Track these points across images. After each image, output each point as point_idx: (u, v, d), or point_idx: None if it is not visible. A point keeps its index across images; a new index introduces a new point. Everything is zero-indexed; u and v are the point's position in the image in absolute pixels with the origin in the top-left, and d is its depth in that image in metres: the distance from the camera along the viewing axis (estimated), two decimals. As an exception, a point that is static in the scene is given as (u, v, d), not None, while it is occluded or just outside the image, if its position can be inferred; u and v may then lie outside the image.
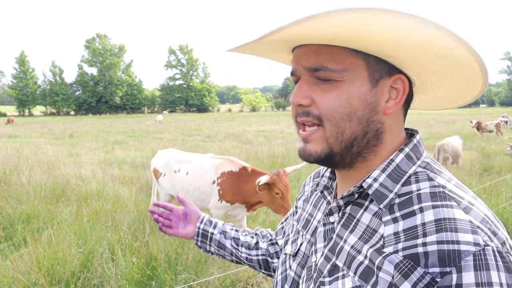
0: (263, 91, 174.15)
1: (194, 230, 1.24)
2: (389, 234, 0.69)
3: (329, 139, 0.74)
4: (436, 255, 0.61)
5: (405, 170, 0.75)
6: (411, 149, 0.77)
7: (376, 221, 0.73)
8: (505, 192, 6.11)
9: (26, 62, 70.85)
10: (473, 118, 25.43)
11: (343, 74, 0.71)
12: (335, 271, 0.75)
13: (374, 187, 0.74)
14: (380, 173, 0.75)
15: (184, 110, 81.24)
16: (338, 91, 0.72)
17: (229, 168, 4.40)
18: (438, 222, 0.64)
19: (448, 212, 0.65)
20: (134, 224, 4.65)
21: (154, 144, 15.57)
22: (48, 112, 72.59)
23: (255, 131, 22.61)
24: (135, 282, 3.47)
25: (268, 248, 1.20)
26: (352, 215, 0.78)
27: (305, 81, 0.75)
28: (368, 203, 0.76)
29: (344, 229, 0.78)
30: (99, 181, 7.59)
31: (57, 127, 29.03)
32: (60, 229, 4.56)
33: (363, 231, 0.74)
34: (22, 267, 3.50)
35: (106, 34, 77.25)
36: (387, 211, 0.72)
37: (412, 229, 0.66)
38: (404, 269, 0.63)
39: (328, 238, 0.81)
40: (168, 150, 5.30)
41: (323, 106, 0.73)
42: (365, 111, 0.73)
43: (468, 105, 1.07)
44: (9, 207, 5.59)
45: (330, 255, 0.78)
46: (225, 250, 1.21)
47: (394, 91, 0.75)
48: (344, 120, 0.73)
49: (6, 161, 8.84)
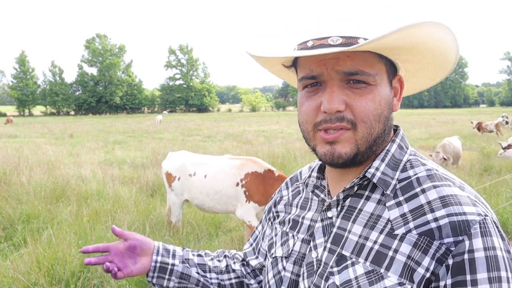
0: (263, 91, 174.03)
1: (150, 264, 1.02)
2: (395, 217, 0.74)
3: (359, 140, 0.77)
4: (448, 226, 0.68)
5: (400, 159, 0.82)
6: (400, 140, 0.86)
7: (380, 208, 0.77)
8: (505, 192, 6.11)
9: (26, 62, 70.87)
10: (473, 118, 25.45)
11: (375, 78, 0.77)
12: (342, 260, 0.78)
13: (377, 175, 0.79)
14: (380, 162, 0.80)
15: (184, 110, 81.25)
16: (372, 94, 0.76)
17: (254, 169, 4.31)
18: (443, 198, 0.71)
19: (449, 190, 0.73)
20: (134, 224, 4.65)
21: (154, 144, 15.57)
22: (48, 112, 72.59)
23: (255, 131, 22.61)
24: (135, 282, 3.47)
25: (241, 269, 1.12)
26: (352, 206, 0.81)
27: (337, 86, 0.76)
28: (368, 192, 0.81)
29: (346, 220, 0.81)
30: (99, 181, 7.59)
31: (57, 127, 29.03)
32: (60, 229, 4.56)
33: (368, 219, 0.78)
34: (22, 267, 3.49)
35: (106, 34, 77.36)
36: (391, 197, 0.77)
37: (419, 208, 0.73)
38: (422, 246, 0.69)
39: (328, 232, 0.83)
40: (181, 152, 5.13)
41: (359, 110, 0.76)
42: (388, 110, 0.80)
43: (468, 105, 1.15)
44: (9, 207, 5.59)
45: (334, 247, 0.80)
46: (189, 281, 1.05)
47: (394, 89, 0.85)
48: (376, 121, 0.77)
49: (6, 161, 8.84)
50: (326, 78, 0.76)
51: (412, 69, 0.87)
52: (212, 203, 4.49)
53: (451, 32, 0.74)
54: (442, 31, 0.73)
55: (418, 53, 0.80)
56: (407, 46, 0.76)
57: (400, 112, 62.77)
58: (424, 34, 0.73)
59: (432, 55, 0.81)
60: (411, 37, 0.72)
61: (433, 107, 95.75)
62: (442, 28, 0.72)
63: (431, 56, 0.81)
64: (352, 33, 0.76)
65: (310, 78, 0.78)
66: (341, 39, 0.75)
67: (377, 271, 0.72)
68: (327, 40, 0.75)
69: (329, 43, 0.75)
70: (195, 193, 4.58)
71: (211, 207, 4.54)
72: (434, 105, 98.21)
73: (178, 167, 4.80)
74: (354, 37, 0.75)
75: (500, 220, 5.14)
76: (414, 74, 0.89)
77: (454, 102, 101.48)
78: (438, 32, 0.73)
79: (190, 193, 4.66)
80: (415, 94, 12.86)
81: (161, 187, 7.43)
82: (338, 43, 0.74)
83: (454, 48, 0.78)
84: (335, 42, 0.75)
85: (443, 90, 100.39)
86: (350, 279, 0.75)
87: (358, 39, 0.75)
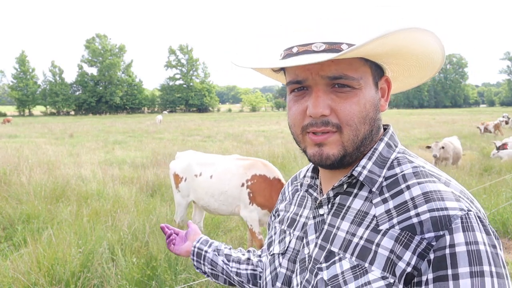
0: (263, 91, 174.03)
1: (191, 248, 1.26)
2: (381, 213, 0.76)
3: (346, 142, 0.79)
4: (429, 222, 0.69)
5: (387, 157, 0.84)
6: (389, 139, 0.87)
7: (367, 205, 0.79)
8: (505, 192, 6.11)
9: (26, 62, 70.86)
10: (473, 119, 25.43)
11: (360, 81, 0.78)
12: (330, 256, 0.80)
13: (363, 174, 0.81)
14: (367, 161, 0.82)
15: (184, 110, 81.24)
16: (357, 97, 0.78)
17: (263, 172, 4.14)
18: (426, 194, 0.73)
19: (432, 186, 0.74)
20: (134, 224, 4.64)
21: (154, 144, 15.58)
22: (48, 112, 72.58)
23: (255, 131, 22.61)
24: (135, 282, 3.47)
25: (257, 263, 1.22)
26: (341, 204, 0.84)
27: (322, 91, 0.78)
28: (357, 190, 0.83)
29: (335, 217, 0.84)
30: (99, 181, 7.59)
31: (57, 127, 29.03)
32: (60, 229, 4.56)
33: (355, 216, 0.80)
34: (22, 267, 3.49)
35: (106, 34, 77.33)
36: (377, 194, 0.79)
37: (403, 205, 0.74)
38: (404, 241, 0.70)
39: (320, 229, 0.86)
40: (188, 152, 5.00)
41: (344, 114, 0.77)
42: (373, 112, 0.82)
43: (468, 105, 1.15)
44: (9, 207, 5.59)
45: (324, 243, 0.83)
46: (217, 268, 1.22)
47: (381, 90, 0.86)
48: (361, 123, 0.79)
49: (6, 161, 8.84)
50: (311, 83, 0.78)
51: (398, 70, 0.89)
52: (217, 204, 4.37)
53: (433, 34, 0.74)
54: (423, 35, 0.74)
55: (401, 57, 0.82)
56: (389, 52, 0.77)
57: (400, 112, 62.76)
58: (404, 40, 0.74)
59: (416, 58, 0.83)
60: (391, 44, 0.74)
61: (433, 107, 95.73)
62: (423, 32, 0.73)
63: (415, 59, 0.83)
64: (335, 38, 0.77)
65: (296, 82, 0.80)
66: (324, 45, 0.76)
67: (361, 266, 0.74)
68: (311, 46, 0.77)
69: (312, 49, 0.77)
70: (200, 194, 4.47)
71: (216, 208, 4.43)
72: (434, 105, 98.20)
73: (184, 167, 4.69)
74: (337, 43, 0.76)
75: (500, 220, 5.13)
76: (401, 74, 0.91)
77: (454, 102, 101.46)
78: (420, 36, 0.74)
79: (196, 194, 4.55)
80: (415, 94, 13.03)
81: (161, 187, 7.43)
82: (321, 49, 0.76)
83: (439, 49, 0.79)
84: (319, 48, 0.76)
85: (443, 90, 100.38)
86: (336, 274, 0.77)
87: (341, 44, 0.76)
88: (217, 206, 4.41)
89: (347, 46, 0.75)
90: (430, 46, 0.78)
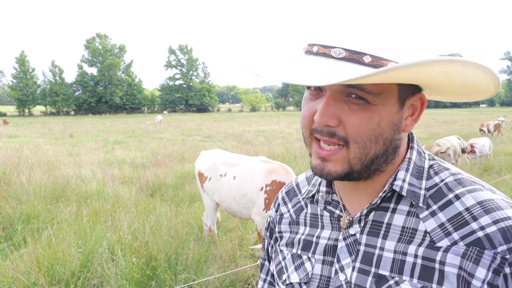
0: (263, 91, 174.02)
1: None
2: (433, 229, 0.70)
3: (352, 160, 0.72)
4: (498, 234, 0.65)
5: (422, 166, 0.78)
6: (417, 145, 0.81)
7: (413, 220, 0.73)
8: (505, 192, 6.11)
9: (26, 62, 70.81)
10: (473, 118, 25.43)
11: (378, 97, 0.69)
12: (381, 281, 0.72)
13: (405, 188, 0.74)
14: (405, 173, 0.76)
15: (184, 110, 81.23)
16: (370, 113, 0.69)
17: (283, 179, 3.95)
18: (482, 204, 0.68)
19: (484, 194, 0.69)
20: (134, 224, 4.64)
21: (154, 144, 15.58)
22: (48, 112, 72.53)
23: (255, 131, 22.63)
24: (135, 282, 3.47)
25: None
26: (377, 221, 0.76)
27: (333, 98, 0.69)
28: (394, 205, 0.76)
29: (373, 237, 0.76)
30: (99, 181, 7.59)
31: (57, 127, 29.04)
32: (60, 229, 4.56)
33: (401, 233, 0.73)
34: (22, 267, 3.49)
35: (106, 34, 77.28)
36: (423, 207, 0.73)
37: (457, 217, 0.69)
38: (472, 256, 0.65)
39: (355, 251, 0.77)
40: (214, 150, 4.87)
41: (352, 128, 0.69)
42: (390, 132, 0.72)
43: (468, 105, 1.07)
44: (9, 207, 5.59)
45: (365, 267, 0.75)
46: None
47: (412, 108, 0.75)
48: (372, 142, 0.71)
49: (6, 161, 8.84)
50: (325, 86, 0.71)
51: (435, 92, 0.78)
52: (238, 207, 4.20)
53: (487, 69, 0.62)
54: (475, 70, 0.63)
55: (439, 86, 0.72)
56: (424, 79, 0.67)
57: (400, 112, 62.41)
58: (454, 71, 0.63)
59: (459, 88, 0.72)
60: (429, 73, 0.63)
61: (433, 107, 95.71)
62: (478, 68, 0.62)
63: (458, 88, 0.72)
64: (357, 47, 0.67)
65: None
66: (345, 52, 0.67)
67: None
68: (330, 51, 0.69)
69: (331, 54, 0.68)
70: (223, 195, 4.31)
71: (237, 211, 4.27)
72: (434, 105, 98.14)
73: (210, 166, 4.55)
74: (359, 53, 0.67)
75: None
76: (440, 94, 0.80)
77: (454, 102, 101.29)
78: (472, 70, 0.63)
79: (219, 195, 4.39)
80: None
81: (160, 187, 7.43)
82: (340, 56, 0.68)
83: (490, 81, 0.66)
84: (338, 54, 0.68)
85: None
86: None
87: (364, 55, 0.67)
88: (238, 210, 4.25)
89: (370, 59, 0.66)
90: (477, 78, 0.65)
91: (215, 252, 4.38)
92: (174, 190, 7.17)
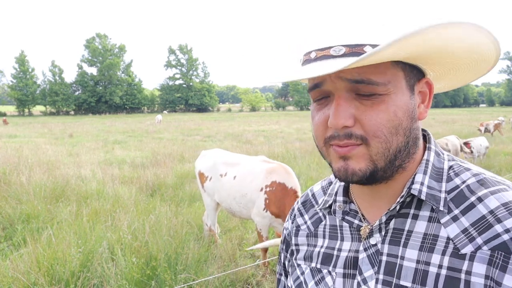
0: (263, 91, 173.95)
1: None
2: (456, 234, 0.67)
3: (375, 156, 0.68)
4: None
5: (441, 167, 0.75)
6: (435, 146, 0.78)
7: (434, 226, 0.70)
8: (505, 192, 6.11)
9: (26, 62, 70.78)
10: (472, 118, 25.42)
11: (387, 86, 0.67)
12: None
13: (424, 191, 0.71)
14: (423, 175, 0.72)
15: (184, 110, 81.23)
16: (385, 104, 0.67)
17: (283, 180, 3.94)
18: (506, 205, 0.64)
19: (508, 195, 0.66)
20: (134, 224, 4.64)
21: (154, 144, 15.58)
22: (48, 112, 72.51)
23: (255, 131, 22.63)
24: (135, 282, 3.47)
25: None
26: (398, 228, 0.73)
27: (343, 99, 0.67)
28: (414, 210, 0.72)
29: (395, 246, 0.72)
30: (99, 181, 7.59)
31: (57, 127, 29.03)
32: (60, 229, 4.56)
33: (422, 241, 0.70)
34: (22, 267, 3.49)
35: (106, 34, 77.28)
36: (445, 212, 0.69)
37: (481, 220, 0.65)
38: (499, 263, 0.62)
39: (377, 262, 0.74)
40: (214, 150, 4.87)
41: (370, 124, 0.67)
42: (408, 121, 0.70)
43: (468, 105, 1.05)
44: (9, 207, 5.59)
45: (388, 278, 0.71)
46: None
47: (421, 95, 0.74)
48: (392, 134, 0.68)
49: (6, 161, 8.84)
50: (330, 87, 0.68)
51: (441, 69, 0.76)
52: (238, 207, 4.21)
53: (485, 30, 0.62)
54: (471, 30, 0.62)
55: (441, 57, 0.70)
56: (422, 53, 0.66)
57: (400, 112, 62.42)
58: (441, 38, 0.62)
59: (460, 56, 0.70)
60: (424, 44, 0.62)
61: (433, 107, 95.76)
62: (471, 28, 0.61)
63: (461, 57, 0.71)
64: (356, 40, 0.66)
65: (314, 87, 0.71)
66: (345, 49, 0.66)
67: None
68: (329, 51, 0.67)
69: (331, 53, 0.67)
70: (223, 195, 4.31)
71: (237, 211, 4.28)
72: (434, 105, 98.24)
73: (210, 166, 4.55)
74: (359, 45, 0.66)
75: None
76: (447, 74, 0.78)
77: (454, 102, 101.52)
78: (466, 32, 0.62)
79: (219, 195, 4.40)
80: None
81: (160, 187, 7.43)
82: (341, 53, 0.66)
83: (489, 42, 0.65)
84: (338, 52, 0.66)
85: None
86: None
87: (364, 46, 0.65)
88: (238, 210, 4.26)
89: (371, 48, 0.64)
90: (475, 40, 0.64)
91: (215, 252, 4.39)
92: (174, 190, 7.17)
